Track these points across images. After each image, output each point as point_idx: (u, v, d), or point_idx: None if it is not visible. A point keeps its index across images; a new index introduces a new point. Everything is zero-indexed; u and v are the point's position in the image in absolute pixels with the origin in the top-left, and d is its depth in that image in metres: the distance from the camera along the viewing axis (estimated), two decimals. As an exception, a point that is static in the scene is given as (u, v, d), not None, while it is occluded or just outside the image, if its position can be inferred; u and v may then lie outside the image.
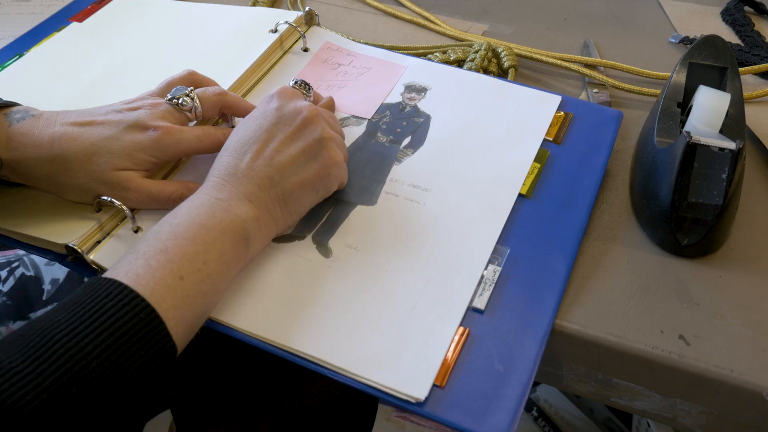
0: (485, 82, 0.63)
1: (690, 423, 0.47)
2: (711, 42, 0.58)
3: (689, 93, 0.56)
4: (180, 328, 0.39)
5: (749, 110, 0.64)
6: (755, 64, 0.69)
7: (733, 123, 0.52)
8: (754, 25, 0.76)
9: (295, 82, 0.56)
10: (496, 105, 0.60)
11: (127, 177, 0.48)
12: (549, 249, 0.49)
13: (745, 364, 0.43)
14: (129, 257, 0.41)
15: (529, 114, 0.59)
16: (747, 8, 0.79)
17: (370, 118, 0.60)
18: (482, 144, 0.57)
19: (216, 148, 0.51)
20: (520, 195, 0.53)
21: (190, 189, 0.49)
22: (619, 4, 0.81)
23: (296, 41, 0.67)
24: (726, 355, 0.44)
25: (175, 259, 0.40)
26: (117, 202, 0.48)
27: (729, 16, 0.77)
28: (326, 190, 0.51)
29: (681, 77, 0.56)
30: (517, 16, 0.79)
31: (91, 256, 0.47)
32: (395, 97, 0.61)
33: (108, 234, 0.49)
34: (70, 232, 0.48)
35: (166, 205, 0.49)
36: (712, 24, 0.77)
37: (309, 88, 0.56)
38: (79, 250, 0.47)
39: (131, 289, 0.38)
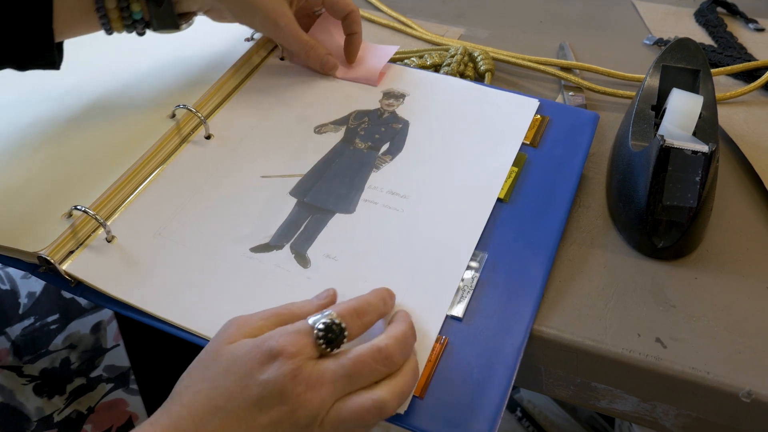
0: (463, 87, 0.63)
1: (669, 425, 0.48)
2: (684, 45, 0.58)
3: (663, 96, 0.56)
4: None
5: (722, 111, 0.64)
6: (728, 64, 0.70)
7: (706, 125, 0.53)
8: (726, 26, 0.76)
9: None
10: (475, 110, 0.60)
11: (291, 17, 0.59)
12: (527, 254, 0.49)
13: (721, 365, 0.44)
14: None
15: (507, 118, 0.59)
16: (720, 9, 0.80)
17: (376, 84, 0.63)
18: (461, 149, 0.57)
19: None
20: (498, 199, 0.53)
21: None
22: (594, 7, 0.82)
23: (273, 49, 0.67)
24: (702, 357, 0.44)
25: None
26: (91, 212, 0.48)
27: (702, 17, 0.78)
28: None
29: (654, 80, 0.57)
30: (493, 20, 0.79)
31: (64, 267, 0.47)
32: (373, 104, 0.61)
33: (81, 244, 0.49)
34: (40, 240, 0.47)
35: (304, 47, 0.60)
36: (685, 25, 0.78)
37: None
38: (51, 260, 0.46)
39: None
